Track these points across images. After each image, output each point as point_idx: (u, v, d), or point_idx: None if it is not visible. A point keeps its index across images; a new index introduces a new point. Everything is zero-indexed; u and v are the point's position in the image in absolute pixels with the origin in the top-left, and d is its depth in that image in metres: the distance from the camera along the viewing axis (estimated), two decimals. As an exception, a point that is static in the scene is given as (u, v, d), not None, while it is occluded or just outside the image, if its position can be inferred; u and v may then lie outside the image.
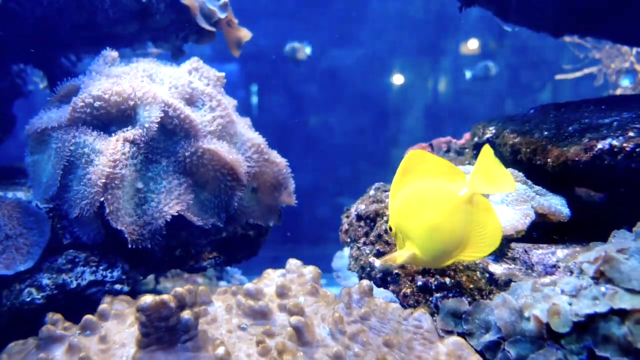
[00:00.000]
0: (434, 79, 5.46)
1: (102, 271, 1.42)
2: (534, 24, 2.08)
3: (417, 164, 1.04)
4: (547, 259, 1.14)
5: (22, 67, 2.35)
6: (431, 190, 1.01)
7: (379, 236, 1.39)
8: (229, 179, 1.51)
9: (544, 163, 1.31)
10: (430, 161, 1.03)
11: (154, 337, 0.95)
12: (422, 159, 1.04)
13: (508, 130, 1.51)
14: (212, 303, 1.20)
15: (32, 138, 1.46)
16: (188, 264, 1.61)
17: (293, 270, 1.27)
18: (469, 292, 1.15)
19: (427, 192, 1.02)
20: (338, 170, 5.29)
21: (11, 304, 1.31)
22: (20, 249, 1.33)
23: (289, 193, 1.74)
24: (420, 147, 2.08)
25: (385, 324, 1.08)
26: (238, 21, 2.16)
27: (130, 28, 1.94)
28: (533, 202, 1.22)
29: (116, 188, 1.33)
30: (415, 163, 1.04)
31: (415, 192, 1.03)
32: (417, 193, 1.02)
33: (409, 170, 1.04)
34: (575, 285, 0.98)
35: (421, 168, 1.03)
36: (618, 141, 1.17)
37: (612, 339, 0.88)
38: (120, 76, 1.50)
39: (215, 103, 1.59)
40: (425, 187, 1.02)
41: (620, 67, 3.87)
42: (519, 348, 0.97)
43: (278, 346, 1.01)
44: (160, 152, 1.47)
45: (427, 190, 1.02)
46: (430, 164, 1.03)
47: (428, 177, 1.02)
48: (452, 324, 1.11)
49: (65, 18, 1.74)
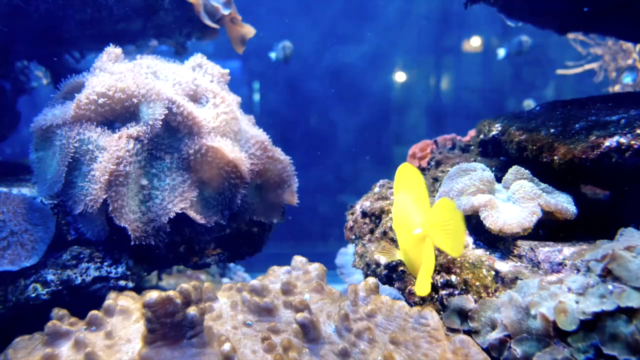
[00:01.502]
0: (436, 77, 5.45)
1: (107, 267, 1.42)
2: (538, 20, 2.07)
3: (407, 177, 1.16)
4: (553, 256, 1.13)
5: (26, 64, 2.35)
6: (403, 216, 1.14)
7: (384, 233, 1.39)
8: (232, 176, 1.51)
9: (550, 160, 1.31)
10: (414, 180, 1.13)
11: (159, 333, 0.95)
12: (410, 175, 1.15)
13: (514, 127, 1.50)
14: (217, 299, 1.20)
15: (36, 135, 1.46)
16: (192, 260, 1.61)
17: (298, 267, 1.27)
18: (475, 290, 1.15)
19: (402, 216, 1.15)
20: (340, 168, 5.29)
21: (16, 300, 1.31)
22: (25, 244, 1.33)
23: (292, 191, 1.73)
24: (425, 143, 2.08)
25: (391, 321, 1.08)
26: (242, 18, 2.16)
27: (134, 25, 1.94)
28: (540, 199, 1.21)
29: (120, 185, 1.33)
30: (406, 176, 1.15)
31: (398, 209, 1.17)
32: (398, 211, 1.17)
33: (401, 181, 1.17)
34: (582, 283, 0.98)
35: (410, 181, 1.14)
36: (626, 138, 1.17)
37: (620, 337, 0.88)
38: (124, 73, 1.50)
39: (219, 100, 1.59)
40: (403, 208, 1.14)
41: (622, 64, 3.86)
42: (526, 346, 0.97)
43: (284, 343, 1.00)
44: (164, 149, 1.46)
45: (402, 213, 1.15)
46: (414, 182, 1.13)
47: (412, 191, 1.13)
48: (458, 322, 1.10)
49: (69, 15, 1.74)
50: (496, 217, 1.19)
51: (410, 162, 2.12)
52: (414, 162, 2.08)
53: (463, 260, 1.20)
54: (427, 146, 2.11)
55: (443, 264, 1.20)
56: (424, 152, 2.08)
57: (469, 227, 1.29)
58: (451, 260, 1.21)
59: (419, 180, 1.12)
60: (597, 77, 3.97)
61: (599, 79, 3.97)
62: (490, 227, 1.18)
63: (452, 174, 1.40)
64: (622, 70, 3.87)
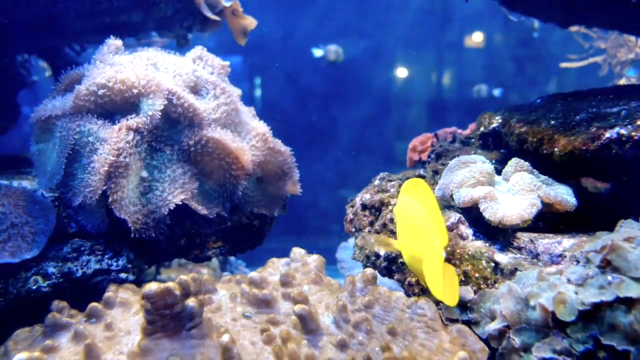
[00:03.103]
0: (438, 71, 5.43)
1: (108, 260, 1.42)
2: (541, 14, 2.06)
3: (421, 190, 1.11)
4: (553, 248, 1.13)
5: (27, 57, 2.35)
6: (419, 231, 1.08)
7: (384, 225, 1.39)
8: (233, 168, 1.51)
9: (550, 152, 1.30)
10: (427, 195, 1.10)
11: (159, 324, 0.95)
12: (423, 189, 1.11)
13: (515, 119, 1.50)
14: (216, 291, 1.20)
15: (37, 127, 1.46)
16: (193, 253, 1.61)
17: (297, 259, 1.27)
18: (474, 281, 1.15)
19: (415, 229, 1.09)
20: (341, 162, 5.28)
21: (17, 292, 1.31)
22: (26, 237, 1.33)
23: (294, 182, 1.73)
24: (426, 137, 2.07)
25: (389, 312, 1.08)
26: (243, 10, 2.15)
27: (134, 17, 1.93)
28: (540, 191, 1.21)
29: (120, 177, 1.33)
30: (420, 189, 1.11)
31: (410, 218, 1.11)
32: (411, 221, 1.11)
33: (413, 189, 1.13)
34: (582, 274, 0.98)
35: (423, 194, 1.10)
36: (626, 130, 1.16)
37: (619, 328, 0.88)
38: (124, 64, 1.49)
39: (219, 91, 1.58)
40: (417, 221, 1.09)
41: (625, 58, 3.84)
42: (524, 336, 0.97)
43: (282, 334, 1.01)
44: (165, 141, 1.46)
45: (416, 226, 1.09)
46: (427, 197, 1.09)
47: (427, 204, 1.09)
48: (457, 313, 1.10)
49: (69, 7, 1.73)
50: (496, 209, 1.19)
51: (410, 155, 2.12)
52: (415, 155, 2.07)
53: (463, 252, 1.20)
54: (427, 139, 2.11)
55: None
56: (425, 146, 2.08)
57: (468, 219, 1.29)
58: (451, 251, 1.21)
59: (434, 199, 1.09)
60: (601, 70, 3.94)
61: (604, 72, 3.94)
62: (489, 219, 1.18)
63: (452, 166, 1.39)
64: (626, 64, 3.85)
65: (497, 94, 4.73)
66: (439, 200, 1.41)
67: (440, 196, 1.37)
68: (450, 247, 1.21)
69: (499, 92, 4.73)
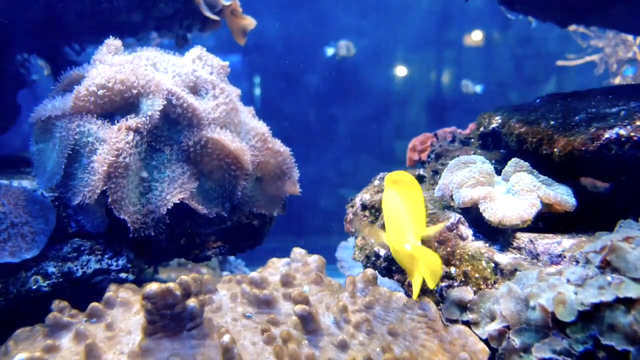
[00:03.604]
0: (437, 71, 5.44)
1: (108, 260, 1.43)
2: (540, 13, 2.06)
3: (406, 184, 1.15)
4: (552, 248, 1.14)
5: (26, 56, 2.35)
6: (396, 223, 1.13)
7: (383, 226, 1.39)
8: (233, 168, 1.51)
9: (550, 153, 1.30)
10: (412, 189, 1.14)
11: (159, 324, 0.96)
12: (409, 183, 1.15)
13: (514, 119, 1.50)
14: (217, 291, 1.20)
15: (36, 127, 1.46)
16: (193, 253, 1.61)
17: (297, 259, 1.27)
18: (474, 282, 1.15)
19: (394, 221, 1.14)
20: (341, 162, 5.28)
21: (17, 292, 1.32)
22: (26, 236, 1.33)
23: (294, 182, 1.73)
24: (425, 136, 2.08)
25: (389, 312, 1.08)
26: (242, 9, 2.15)
27: (134, 17, 1.93)
28: (539, 191, 1.21)
29: (120, 177, 1.33)
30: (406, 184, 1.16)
31: (390, 211, 1.16)
32: (390, 214, 1.16)
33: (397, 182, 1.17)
34: (581, 275, 0.98)
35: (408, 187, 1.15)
36: (625, 130, 1.16)
37: (618, 328, 0.88)
38: (124, 65, 1.49)
39: (218, 91, 1.58)
40: (395, 214, 1.14)
41: (623, 57, 3.85)
42: (524, 337, 0.98)
43: (283, 335, 1.01)
44: (164, 141, 1.46)
45: (395, 219, 1.14)
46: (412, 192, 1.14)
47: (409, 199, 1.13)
48: (457, 313, 1.11)
49: (69, 6, 1.73)
50: (495, 209, 1.19)
51: (410, 155, 2.12)
52: (414, 155, 2.08)
53: (462, 252, 1.20)
54: (427, 139, 2.11)
55: (442, 256, 1.20)
56: (424, 145, 2.08)
57: (468, 220, 1.29)
58: (450, 252, 1.21)
59: (418, 191, 1.13)
60: (598, 69, 3.96)
61: (600, 71, 3.95)
62: (489, 219, 1.18)
63: (452, 166, 1.40)
64: (622, 63, 3.86)
65: (478, 91, 4.82)
66: (438, 200, 1.41)
67: (440, 196, 1.37)
68: (450, 247, 1.22)
69: (480, 88, 4.83)
